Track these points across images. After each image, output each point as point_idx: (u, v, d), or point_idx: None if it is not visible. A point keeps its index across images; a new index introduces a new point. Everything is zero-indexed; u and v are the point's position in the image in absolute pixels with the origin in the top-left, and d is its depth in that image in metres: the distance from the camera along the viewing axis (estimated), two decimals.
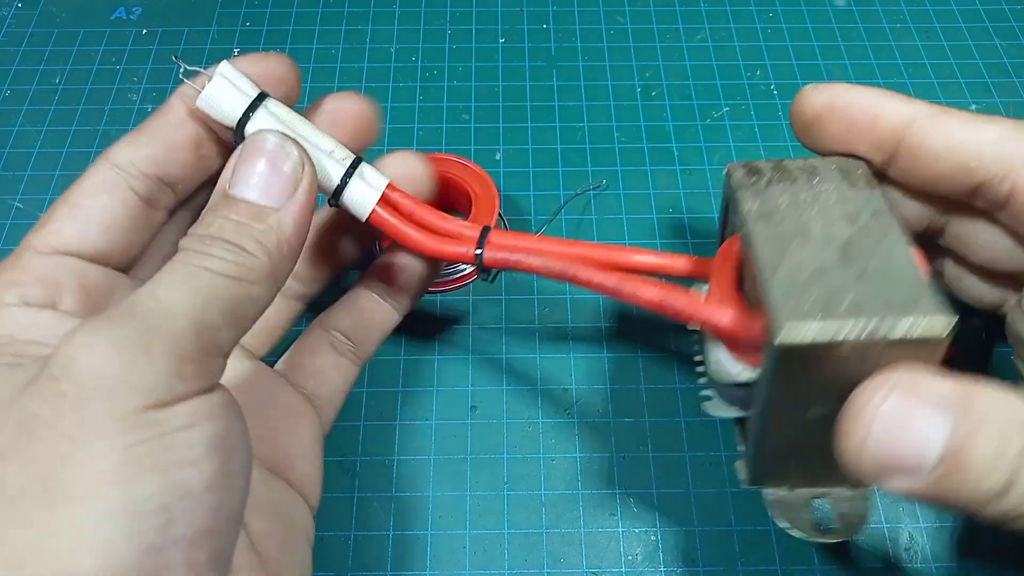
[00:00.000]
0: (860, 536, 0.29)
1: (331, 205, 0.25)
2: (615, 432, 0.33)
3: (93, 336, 0.17)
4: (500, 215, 0.37)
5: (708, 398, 0.26)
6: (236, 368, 0.26)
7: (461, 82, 0.43)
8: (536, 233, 0.37)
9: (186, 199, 0.25)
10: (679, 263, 0.27)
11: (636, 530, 0.31)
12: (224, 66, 0.23)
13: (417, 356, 0.35)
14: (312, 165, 0.22)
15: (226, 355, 0.20)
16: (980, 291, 0.29)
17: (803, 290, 0.20)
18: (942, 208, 0.26)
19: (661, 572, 0.30)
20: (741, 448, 0.26)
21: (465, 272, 0.36)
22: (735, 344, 0.23)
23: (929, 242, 0.28)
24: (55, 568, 0.16)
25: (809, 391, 0.21)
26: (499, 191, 0.36)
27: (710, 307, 0.24)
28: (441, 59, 0.44)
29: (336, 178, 0.24)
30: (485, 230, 0.27)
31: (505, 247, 0.26)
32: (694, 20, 0.46)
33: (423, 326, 0.35)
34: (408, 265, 0.28)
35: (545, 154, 0.41)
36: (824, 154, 0.25)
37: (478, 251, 0.26)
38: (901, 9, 0.46)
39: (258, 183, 0.21)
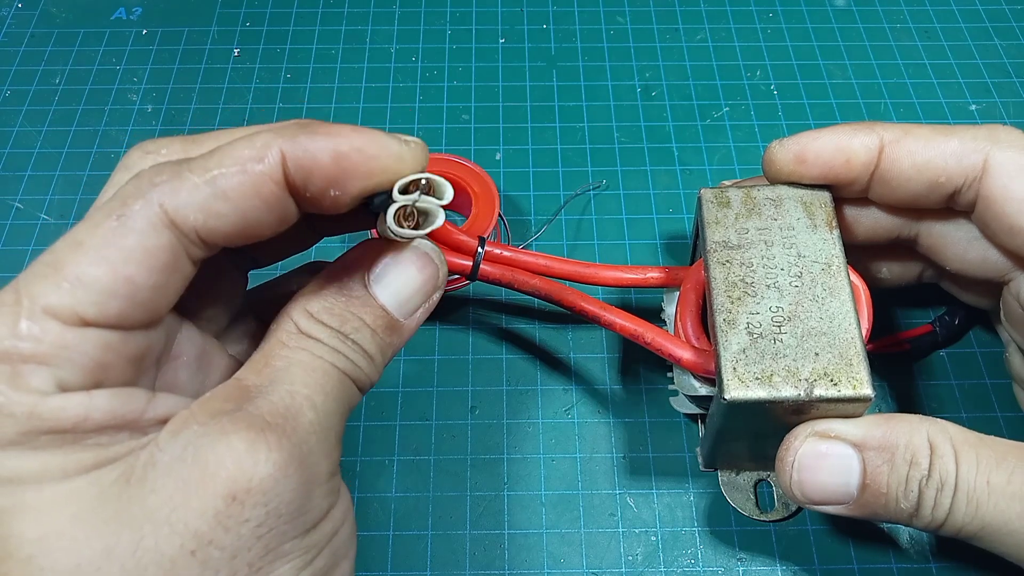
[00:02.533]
0: (793, 514, 0.31)
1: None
2: (615, 432, 0.33)
3: (275, 453, 0.17)
4: (500, 215, 0.37)
5: (674, 394, 0.30)
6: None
7: (461, 82, 0.43)
8: (535, 233, 0.37)
9: None
10: (652, 276, 0.30)
11: (636, 530, 0.31)
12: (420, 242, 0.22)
13: (417, 356, 0.35)
14: (444, 287, 0.23)
15: None
16: (955, 290, 0.30)
17: (750, 352, 0.23)
18: (915, 217, 0.27)
19: (661, 572, 0.30)
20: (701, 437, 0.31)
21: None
22: (693, 371, 0.27)
23: (908, 250, 0.29)
24: None
25: (753, 424, 0.24)
26: (499, 191, 0.36)
27: (674, 344, 0.27)
28: (441, 59, 0.44)
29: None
30: (481, 240, 0.29)
31: (499, 264, 0.29)
32: (694, 20, 0.46)
33: (423, 326, 0.35)
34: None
35: (545, 154, 0.41)
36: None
37: (477, 263, 0.29)
38: (901, 9, 0.46)
39: (403, 295, 0.21)
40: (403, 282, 0.21)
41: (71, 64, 0.44)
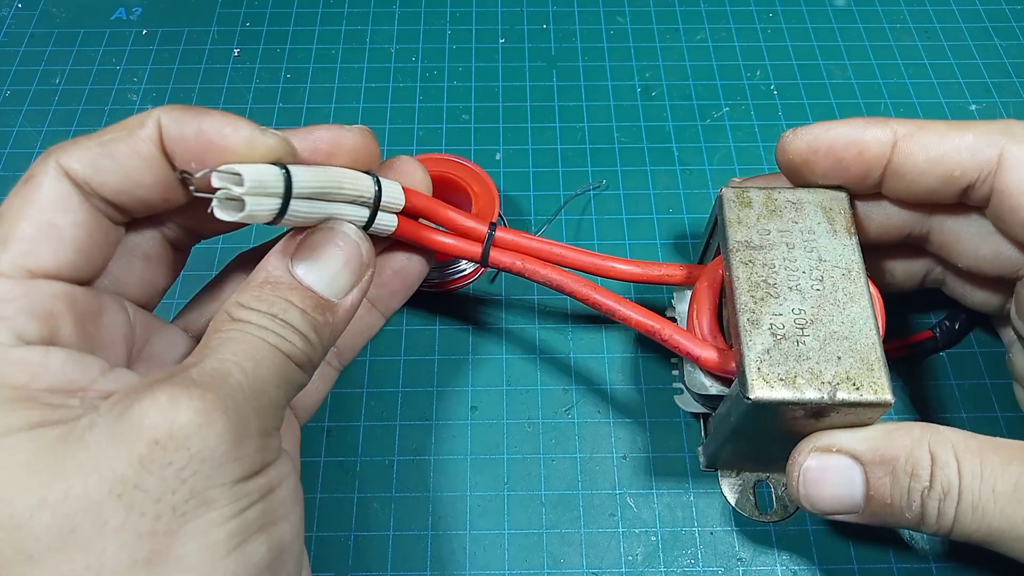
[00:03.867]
0: (791, 514, 0.31)
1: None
2: (615, 432, 0.33)
3: (199, 403, 0.17)
4: (500, 215, 0.37)
5: (679, 391, 0.30)
6: None
7: (461, 82, 0.43)
8: (535, 233, 0.37)
9: None
10: (668, 272, 0.30)
11: (636, 530, 0.31)
12: (248, 171, 0.20)
13: (417, 356, 0.35)
14: (375, 266, 0.24)
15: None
16: (963, 292, 0.30)
17: (773, 353, 0.23)
18: (928, 212, 0.27)
19: (661, 572, 0.30)
20: (704, 437, 0.31)
21: (465, 272, 0.36)
22: (711, 370, 0.27)
23: (919, 248, 0.29)
24: None
25: (767, 426, 0.25)
26: (499, 191, 0.36)
27: (694, 343, 0.27)
28: (441, 59, 0.44)
29: (364, 218, 0.24)
30: (492, 226, 0.28)
31: (510, 251, 0.29)
32: (694, 20, 0.46)
33: (423, 326, 0.35)
34: (402, 269, 0.28)
35: (545, 154, 0.41)
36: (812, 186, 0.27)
37: (486, 252, 0.28)
38: (901, 9, 0.46)
39: (328, 276, 0.22)
40: (325, 262, 0.22)
41: (71, 64, 0.44)
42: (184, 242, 0.25)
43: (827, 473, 0.23)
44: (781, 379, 0.23)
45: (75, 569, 0.16)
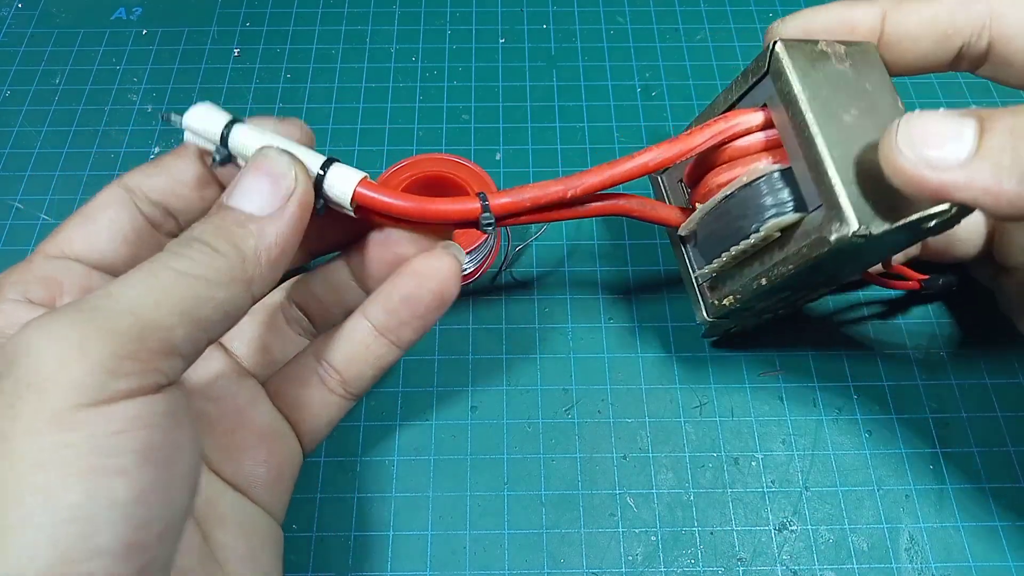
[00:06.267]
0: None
1: (316, 209, 0.23)
2: (615, 432, 0.33)
3: (37, 331, 0.17)
4: None
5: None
6: (218, 379, 0.25)
7: (461, 82, 0.43)
8: (535, 233, 0.37)
9: None
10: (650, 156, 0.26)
11: (636, 530, 0.31)
12: (201, 104, 0.24)
13: (417, 356, 0.35)
14: (307, 181, 0.22)
15: (185, 357, 0.19)
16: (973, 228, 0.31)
17: (858, 184, 0.22)
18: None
19: (661, 572, 0.30)
20: (700, 299, 0.30)
21: (466, 272, 0.36)
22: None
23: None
24: None
25: (825, 268, 0.24)
26: (498, 191, 0.35)
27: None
28: (441, 59, 0.44)
29: (313, 170, 0.23)
30: (481, 195, 0.25)
31: (506, 193, 0.25)
32: (694, 20, 0.46)
33: None
34: (411, 296, 0.25)
35: (545, 154, 0.41)
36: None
37: (485, 203, 0.25)
38: None
39: (250, 194, 0.21)
40: (244, 180, 0.22)
41: (71, 64, 0.44)
42: None
43: (939, 119, 0.21)
44: (872, 215, 0.22)
45: None
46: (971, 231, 0.32)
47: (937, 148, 0.21)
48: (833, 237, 0.22)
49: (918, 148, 0.21)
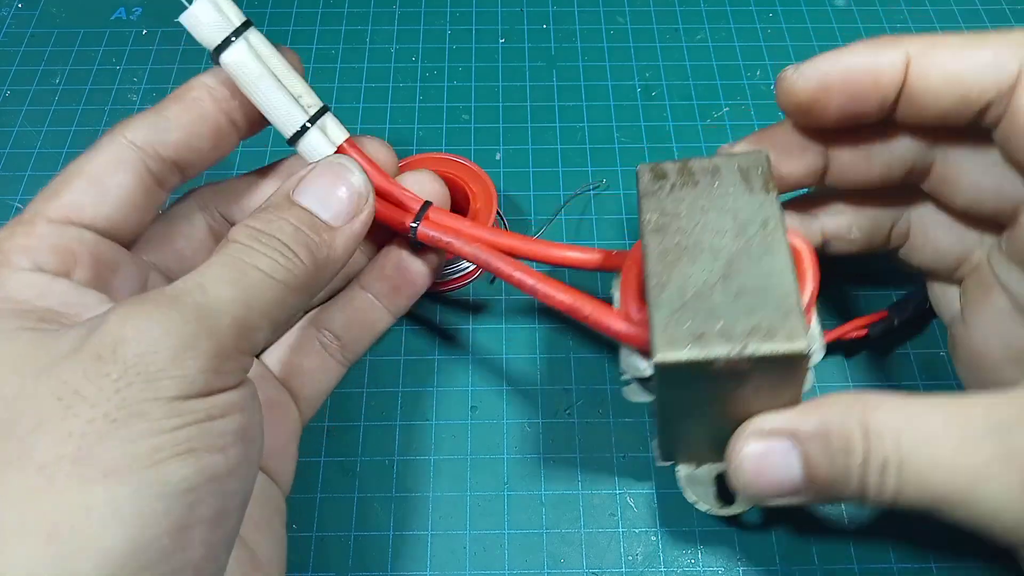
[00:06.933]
0: (755, 508, 0.29)
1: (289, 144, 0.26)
2: (615, 432, 0.33)
3: (145, 321, 0.18)
4: (500, 214, 0.37)
5: (628, 383, 0.27)
6: None
7: (461, 82, 0.43)
8: (534, 233, 0.37)
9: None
10: (595, 257, 0.28)
11: (636, 530, 0.31)
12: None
13: (417, 356, 0.35)
14: (374, 202, 0.24)
15: (257, 353, 0.20)
16: (948, 241, 0.28)
17: (682, 312, 0.22)
18: (934, 141, 0.26)
19: (661, 572, 0.30)
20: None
21: (466, 271, 0.36)
22: (637, 346, 0.26)
23: (908, 191, 0.28)
24: (85, 541, 0.16)
25: (693, 395, 0.23)
26: (498, 191, 0.36)
27: (610, 316, 0.26)
28: (441, 59, 0.44)
29: (298, 123, 0.24)
30: (425, 204, 0.28)
31: (440, 227, 0.27)
32: (694, 20, 0.46)
33: (423, 326, 0.35)
34: (409, 266, 0.28)
35: (545, 154, 0.41)
36: (816, 128, 0.26)
37: (414, 224, 0.27)
38: (901, 9, 0.46)
39: (326, 201, 0.22)
40: (321, 185, 0.23)
41: (71, 64, 0.44)
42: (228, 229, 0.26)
43: (766, 458, 0.22)
44: (688, 337, 0.21)
45: (8, 457, 0.17)
46: (951, 244, 0.28)
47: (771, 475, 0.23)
48: (657, 358, 0.22)
49: (751, 486, 0.23)
